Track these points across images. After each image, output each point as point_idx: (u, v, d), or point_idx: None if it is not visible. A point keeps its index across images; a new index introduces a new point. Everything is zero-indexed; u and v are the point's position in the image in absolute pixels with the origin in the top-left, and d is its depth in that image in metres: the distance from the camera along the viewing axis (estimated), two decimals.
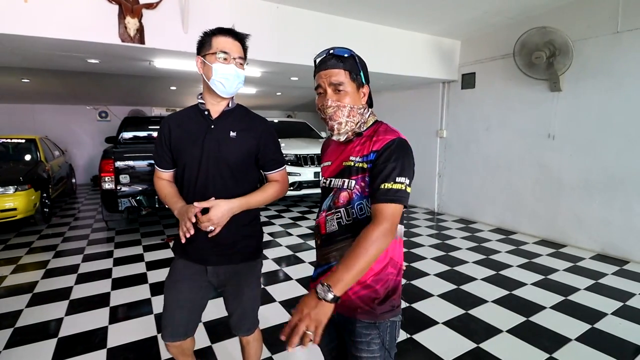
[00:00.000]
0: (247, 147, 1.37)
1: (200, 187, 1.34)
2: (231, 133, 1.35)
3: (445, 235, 4.59)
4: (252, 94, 7.42)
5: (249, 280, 1.47)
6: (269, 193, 1.41)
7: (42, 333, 2.36)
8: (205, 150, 1.32)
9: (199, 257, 1.40)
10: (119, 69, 4.39)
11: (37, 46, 3.15)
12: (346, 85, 1.05)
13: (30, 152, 5.64)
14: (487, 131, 4.97)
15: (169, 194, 1.40)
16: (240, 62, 1.31)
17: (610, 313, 2.61)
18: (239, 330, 1.52)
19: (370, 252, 0.90)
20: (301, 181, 5.57)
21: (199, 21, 3.29)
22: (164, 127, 1.41)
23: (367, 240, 0.91)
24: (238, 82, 1.32)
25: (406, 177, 0.99)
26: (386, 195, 0.96)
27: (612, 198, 3.73)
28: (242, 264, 1.43)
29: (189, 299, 1.42)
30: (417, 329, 2.39)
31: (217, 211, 1.25)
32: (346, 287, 0.89)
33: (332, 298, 0.86)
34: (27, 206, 4.49)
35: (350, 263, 0.89)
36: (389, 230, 0.94)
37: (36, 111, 8.47)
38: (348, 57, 1.06)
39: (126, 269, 3.46)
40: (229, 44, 1.28)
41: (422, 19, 4.26)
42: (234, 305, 1.47)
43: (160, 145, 1.42)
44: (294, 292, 2.95)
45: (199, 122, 1.36)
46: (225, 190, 1.33)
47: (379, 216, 0.95)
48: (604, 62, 3.70)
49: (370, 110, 1.13)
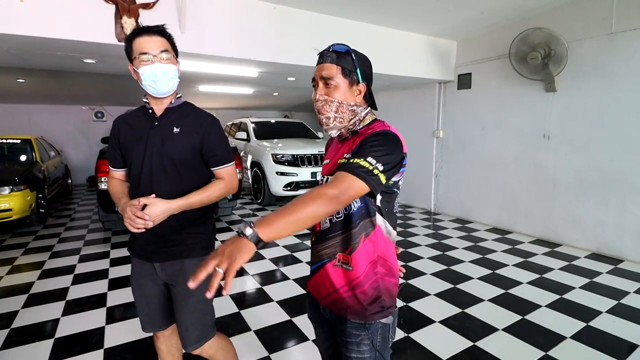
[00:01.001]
0: (191, 143, 1.35)
1: (144, 184, 1.33)
2: (174, 129, 1.34)
3: (441, 234, 4.61)
4: (249, 94, 7.42)
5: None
6: (211, 191, 1.36)
7: (39, 334, 2.35)
8: (149, 147, 1.33)
9: (144, 254, 1.39)
10: (115, 69, 4.37)
11: (33, 46, 3.12)
12: (337, 80, 1.05)
13: (26, 152, 5.61)
14: (483, 131, 5.00)
15: (116, 192, 1.40)
16: (166, 56, 1.27)
17: (605, 311, 2.63)
18: (187, 343, 1.38)
19: (308, 205, 0.81)
20: (298, 181, 5.57)
21: (195, 21, 3.29)
22: (114, 127, 1.43)
23: (309, 195, 0.84)
24: (168, 78, 1.29)
25: (378, 162, 0.92)
26: (347, 167, 0.92)
27: (607, 197, 3.77)
28: (188, 261, 1.37)
29: (152, 294, 1.42)
30: (413, 327, 2.41)
31: (153, 209, 1.23)
32: (272, 232, 0.77)
33: (252, 234, 0.75)
34: (23, 207, 4.46)
35: (285, 210, 0.80)
36: (334, 197, 0.84)
37: (32, 111, 8.42)
38: (344, 52, 1.05)
39: (123, 269, 3.45)
40: (145, 42, 1.25)
41: (419, 20, 4.28)
42: (180, 310, 1.37)
43: (111, 145, 1.43)
44: (291, 291, 2.96)
45: (144, 120, 1.37)
46: (170, 186, 1.33)
47: (332, 181, 0.89)
48: (599, 63, 3.74)
49: (368, 109, 1.12)
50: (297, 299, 2.83)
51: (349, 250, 1.05)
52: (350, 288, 1.05)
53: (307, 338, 2.28)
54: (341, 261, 1.06)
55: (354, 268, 1.04)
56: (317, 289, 1.14)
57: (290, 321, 2.50)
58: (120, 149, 1.40)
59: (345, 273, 1.06)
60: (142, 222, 1.21)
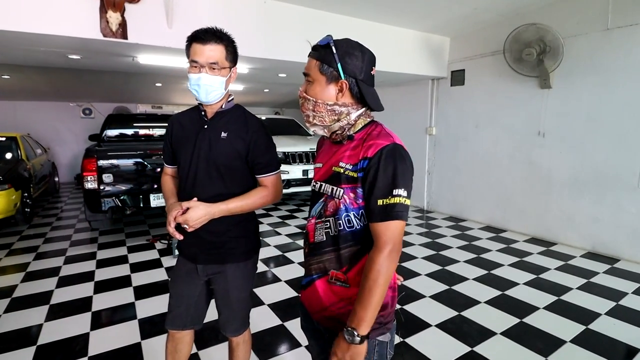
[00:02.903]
0: (237, 149, 1.35)
1: (189, 185, 1.37)
2: (222, 134, 1.35)
3: (435, 233, 4.57)
4: (240, 90, 7.31)
5: (237, 282, 1.44)
6: (253, 199, 1.36)
7: (20, 340, 2.26)
8: (197, 149, 1.35)
9: (189, 254, 1.44)
10: (101, 65, 4.26)
11: (16, 41, 3.02)
12: (313, 76, 0.99)
13: (11, 150, 5.46)
14: (477, 128, 4.96)
15: (166, 191, 1.48)
16: (214, 67, 1.28)
17: (604, 313, 2.59)
18: (226, 331, 1.52)
19: (380, 282, 0.88)
20: (289, 179, 5.51)
21: (183, 16, 3.19)
22: (169, 124, 1.49)
23: (373, 271, 0.88)
24: (212, 90, 1.30)
25: (403, 188, 0.90)
26: (384, 214, 0.90)
27: (602, 195, 3.74)
28: (228, 265, 1.42)
29: (184, 294, 1.47)
30: (409, 332, 2.35)
31: (194, 213, 1.27)
32: (370, 323, 0.90)
33: (360, 340, 0.89)
34: (7, 206, 4.34)
35: (365, 300, 0.88)
36: (393, 251, 0.90)
37: (17, 108, 8.22)
38: (323, 46, 0.97)
39: (109, 271, 3.35)
40: (199, 50, 1.27)
41: (411, 15, 4.21)
42: (221, 306, 1.48)
43: (165, 141, 1.50)
44: (283, 294, 2.88)
45: (196, 121, 1.40)
46: (213, 190, 1.34)
47: (379, 239, 0.90)
48: (594, 59, 3.70)
49: (362, 110, 1.02)
50: (289, 302, 2.75)
51: (346, 269, 0.98)
52: (345, 305, 0.98)
53: (299, 344, 2.21)
54: (334, 278, 1.00)
55: (351, 285, 0.98)
56: (310, 302, 1.07)
57: (283, 326, 2.42)
58: (172, 147, 1.46)
59: (341, 290, 0.99)
60: (182, 225, 1.28)
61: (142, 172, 4.11)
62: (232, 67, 1.35)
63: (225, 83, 1.33)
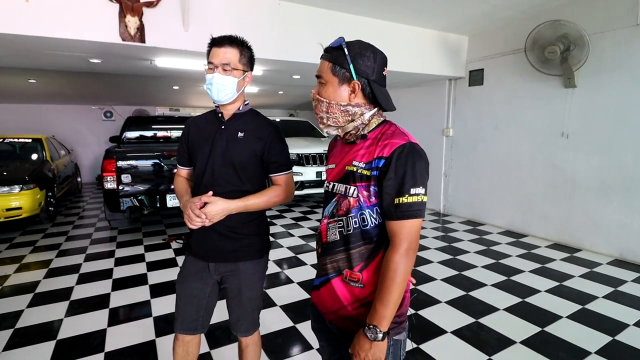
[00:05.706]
0: (253, 148, 1.40)
1: (206, 183, 1.40)
2: (239, 134, 1.40)
3: (452, 237, 4.46)
4: (254, 92, 7.35)
5: (249, 281, 1.45)
6: (269, 196, 1.41)
7: (41, 335, 2.33)
8: (214, 148, 1.39)
9: (201, 253, 1.45)
10: (120, 69, 4.36)
11: (39, 46, 3.13)
12: (325, 77, 0.99)
13: (37, 151, 5.68)
14: (496, 129, 4.82)
15: (179, 190, 1.50)
16: (225, 67, 1.34)
17: (633, 324, 2.45)
18: (237, 330, 1.52)
19: (397, 280, 0.89)
20: (303, 181, 5.50)
21: (199, 19, 3.24)
22: (185, 127, 1.53)
23: (390, 269, 0.90)
24: (222, 89, 1.36)
25: (420, 187, 0.91)
26: (400, 212, 0.90)
27: (631, 200, 3.56)
28: (242, 263, 1.43)
29: (194, 295, 1.46)
30: (424, 338, 2.29)
31: (212, 208, 1.29)
32: (390, 319, 0.92)
33: (382, 336, 0.91)
34: (33, 205, 4.50)
35: (384, 297, 0.90)
36: (410, 249, 0.91)
37: (43, 111, 8.55)
38: (336, 47, 0.98)
39: (127, 269, 3.42)
40: (215, 52, 1.35)
41: (428, 14, 4.14)
42: (233, 305, 1.49)
43: (181, 143, 1.54)
44: (295, 296, 2.87)
45: (213, 123, 1.45)
46: (229, 188, 1.38)
47: (396, 238, 0.91)
48: (622, 57, 3.54)
49: (374, 110, 1.02)
50: (302, 304, 2.73)
51: (360, 267, 0.98)
52: (360, 305, 0.98)
53: (311, 346, 2.19)
54: (349, 278, 1.00)
55: (365, 285, 0.97)
56: (323, 302, 1.06)
57: (294, 327, 2.41)
58: (188, 148, 1.49)
59: (356, 290, 0.99)
60: (199, 220, 1.28)
61: (160, 173, 4.19)
62: (247, 72, 1.40)
63: (238, 84, 1.37)
